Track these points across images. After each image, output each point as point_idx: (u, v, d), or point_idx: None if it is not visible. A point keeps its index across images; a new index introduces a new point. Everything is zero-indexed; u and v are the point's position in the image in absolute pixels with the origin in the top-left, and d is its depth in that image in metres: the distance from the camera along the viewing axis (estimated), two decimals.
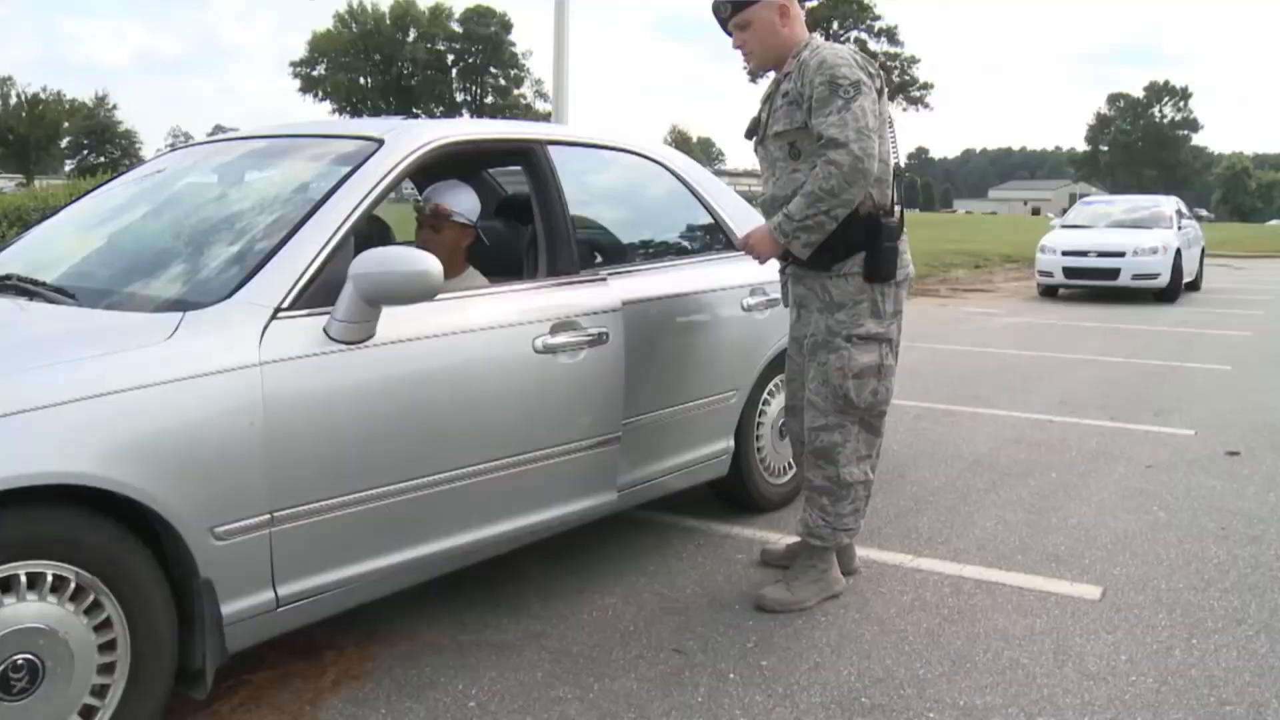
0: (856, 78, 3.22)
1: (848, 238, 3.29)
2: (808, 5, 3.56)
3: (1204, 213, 60.43)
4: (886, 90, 3.42)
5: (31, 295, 2.81)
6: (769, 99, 3.48)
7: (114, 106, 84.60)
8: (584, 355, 3.30)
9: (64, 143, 77.78)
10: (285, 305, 2.61)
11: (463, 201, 3.59)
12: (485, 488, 3.05)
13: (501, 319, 3.12)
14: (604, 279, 3.50)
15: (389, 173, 3.00)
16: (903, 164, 3.45)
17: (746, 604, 3.45)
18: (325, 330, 2.63)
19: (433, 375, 2.90)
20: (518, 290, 3.34)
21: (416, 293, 2.67)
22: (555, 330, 3.22)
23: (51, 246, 3.42)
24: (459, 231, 3.58)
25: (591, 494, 3.44)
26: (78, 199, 3.81)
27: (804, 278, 3.45)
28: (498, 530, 3.14)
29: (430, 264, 2.65)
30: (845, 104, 3.17)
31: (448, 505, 2.96)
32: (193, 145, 4.05)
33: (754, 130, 3.58)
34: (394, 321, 2.77)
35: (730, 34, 3.45)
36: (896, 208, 3.38)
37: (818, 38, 3.44)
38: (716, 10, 3.43)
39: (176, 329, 2.45)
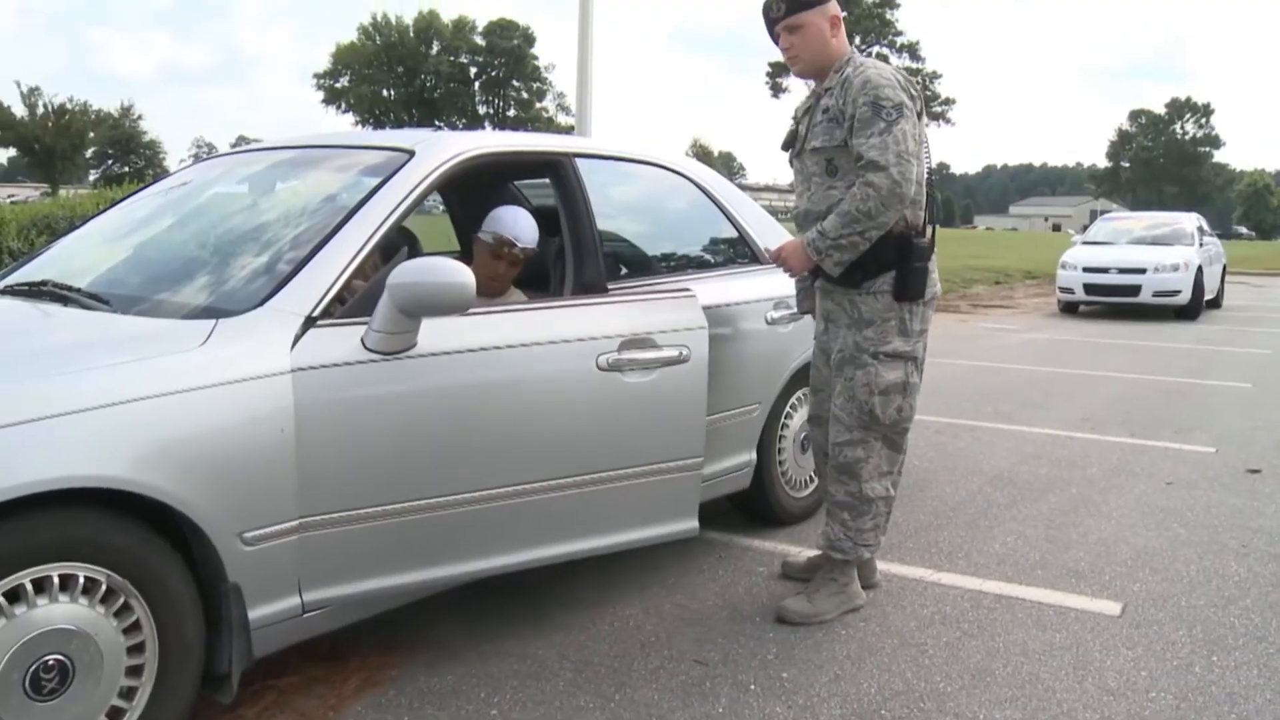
0: (899, 100, 3.23)
1: (879, 256, 3.30)
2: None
3: (1244, 230, 59.53)
4: (925, 111, 3.42)
5: (66, 301, 2.85)
6: (808, 112, 3.49)
7: (139, 117, 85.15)
8: (657, 374, 3.20)
9: (89, 153, 78.32)
10: (317, 314, 2.64)
11: (529, 229, 3.57)
12: (539, 508, 2.99)
13: (560, 334, 3.05)
14: (690, 293, 3.40)
15: (420, 183, 3.03)
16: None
17: (767, 616, 3.47)
18: (362, 340, 2.65)
19: (478, 390, 2.85)
20: (585, 305, 3.24)
21: (449, 304, 2.64)
22: (625, 347, 3.14)
23: (84, 254, 3.46)
24: (522, 260, 3.58)
25: (668, 520, 3.33)
26: (107, 208, 3.86)
27: (833, 293, 3.47)
28: (554, 552, 3.09)
29: (463, 275, 2.62)
30: (887, 126, 3.19)
31: (493, 523, 2.92)
32: (221, 156, 4.11)
33: (790, 142, 3.59)
34: (442, 334, 2.77)
35: (776, 36, 3.44)
36: (928, 228, 3.40)
37: (859, 54, 3.45)
38: (767, 10, 3.42)
39: (210, 335, 2.49)
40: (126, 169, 73.59)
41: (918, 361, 3.44)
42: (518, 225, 3.54)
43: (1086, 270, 15.07)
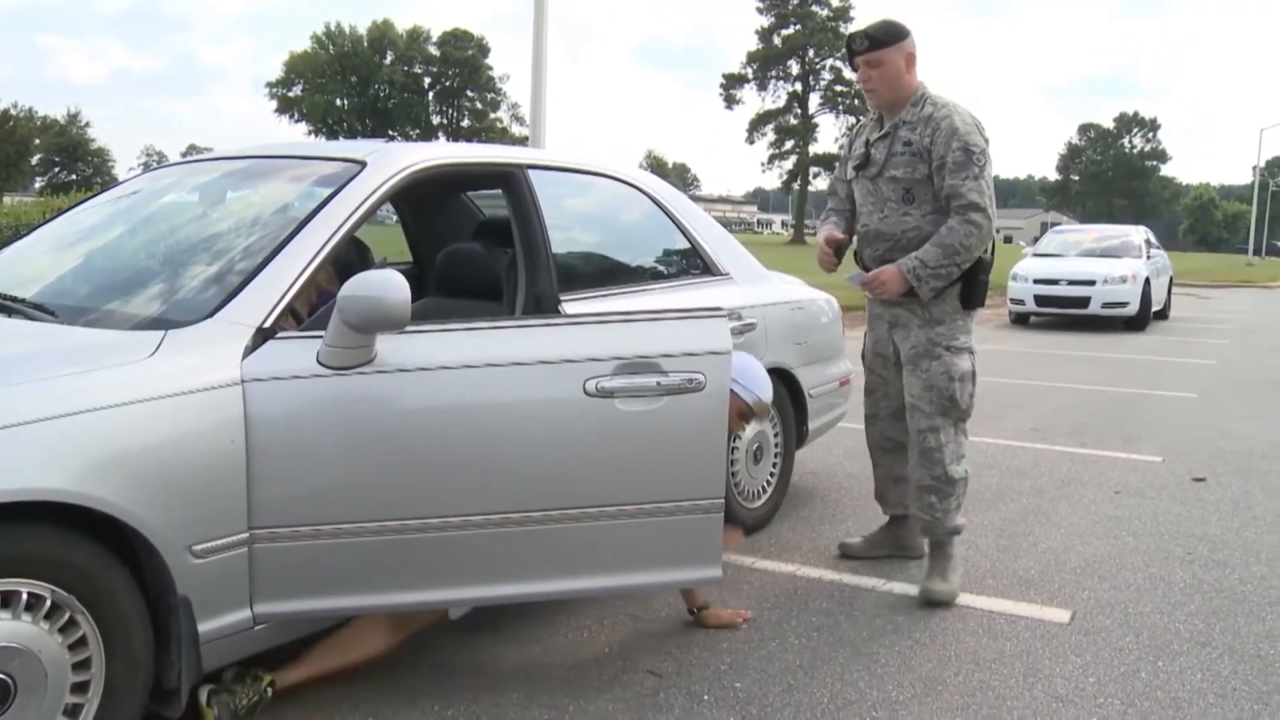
0: (983, 146, 3.63)
1: None
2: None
3: None
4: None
5: (10, 312, 2.81)
6: (884, 139, 3.79)
7: (86, 124, 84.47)
8: (664, 403, 2.87)
9: (35, 160, 77.39)
10: (268, 325, 2.62)
11: (766, 376, 3.64)
12: (517, 540, 2.78)
13: (542, 354, 2.79)
14: (719, 312, 3.03)
15: (372, 194, 3.01)
16: None
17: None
18: (317, 354, 2.60)
19: (443, 410, 2.70)
20: (577, 323, 2.95)
21: (387, 321, 2.54)
22: (621, 371, 2.85)
23: (30, 264, 3.42)
24: None
25: (680, 565, 2.99)
26: (55, 217, 3.81)
27: (902, 301, 3.79)
28: (536, 589, 2.89)
29: (396, 291, 2.52)
30: (980, 171, 3.60)
31: (462, 552, 2.74)
32: (172, 165, 4.07)
33: (864, 164, 3.85)
34: (410, 350, 2.68)
35: (855, 66, 3.77)
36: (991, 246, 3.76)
37: (930, 89, 3.76)
38: (851, 42, 3.78)
39: (159, 347, 2.47)
40: (74, 177, 72.73)
41: (975, 354, 3.83)
42: (762, 381, 3.53)
43: (1037, 282, 15.26)
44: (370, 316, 2.53)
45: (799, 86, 69.56)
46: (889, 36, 3.69)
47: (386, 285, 2.53)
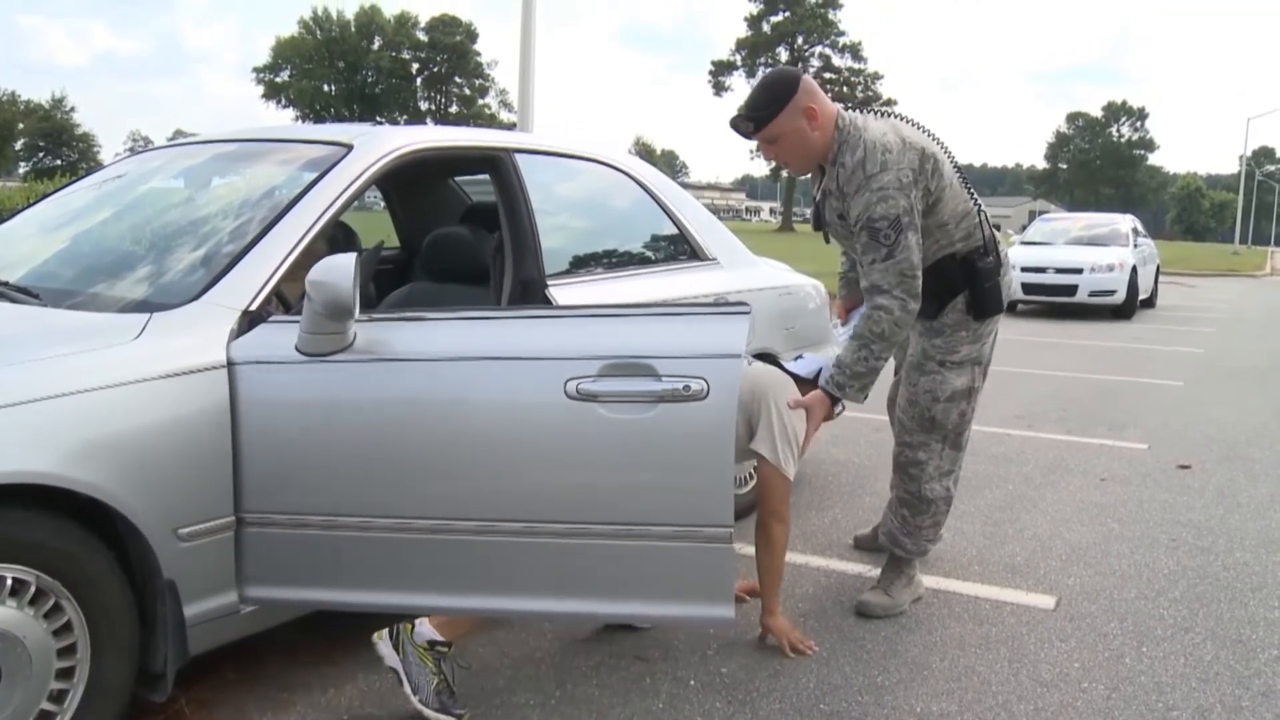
0: (895, 214, 3.07)
1: (949, 285, 3.38)
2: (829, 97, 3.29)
3: None
4: (944, 148, 3.33)
5: None
6: (826, 199, 3.33)
7: (71, 109, 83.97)
8: (657, 412, 2.50)
9: (19, 145, 76.99)
10: (254, 308, 2.61)
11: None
12: (495, 551, 2.56)
13: (519, 349, 2.56)
14: (742, 309, 2.61)
15: (358, 178, 3.00)
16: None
17: None
18: (296, 341, 2.57)
19: (417, 405, 2.54)
20: (563, 316, 2.70)
21: (331, 308, 2.47)
22: (607, 372, 2.52)
23: (14, 247, 3.39)
24: None
25: (676, 599, 2.60)
26: (39, 200, 3.78)
27: None
28: (517, 607, 2.68)
29: (343, 278, 2.44)
30: (889, 251, 3.09)
31: (439, 557, 2.58)
32: (158, 148, 4.04)
33: (819, 224, 3.49)
34: (387, 339, 2.60)
35: (753, 141, 3.28)
36: (994, 245, 3.42)
37: (850, 128, 3.19)
38: (736, 127, 3.25)
39: (144, 329, 2.46)
40: (59, 162, 72.26)
41: (983, 364, 3.56)
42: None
43: (1024, 270, 15.26)
44: (332, 303, 2.47)
45: None
46: (773, 104, 3.15)
47: (336, 271, 2.46)
